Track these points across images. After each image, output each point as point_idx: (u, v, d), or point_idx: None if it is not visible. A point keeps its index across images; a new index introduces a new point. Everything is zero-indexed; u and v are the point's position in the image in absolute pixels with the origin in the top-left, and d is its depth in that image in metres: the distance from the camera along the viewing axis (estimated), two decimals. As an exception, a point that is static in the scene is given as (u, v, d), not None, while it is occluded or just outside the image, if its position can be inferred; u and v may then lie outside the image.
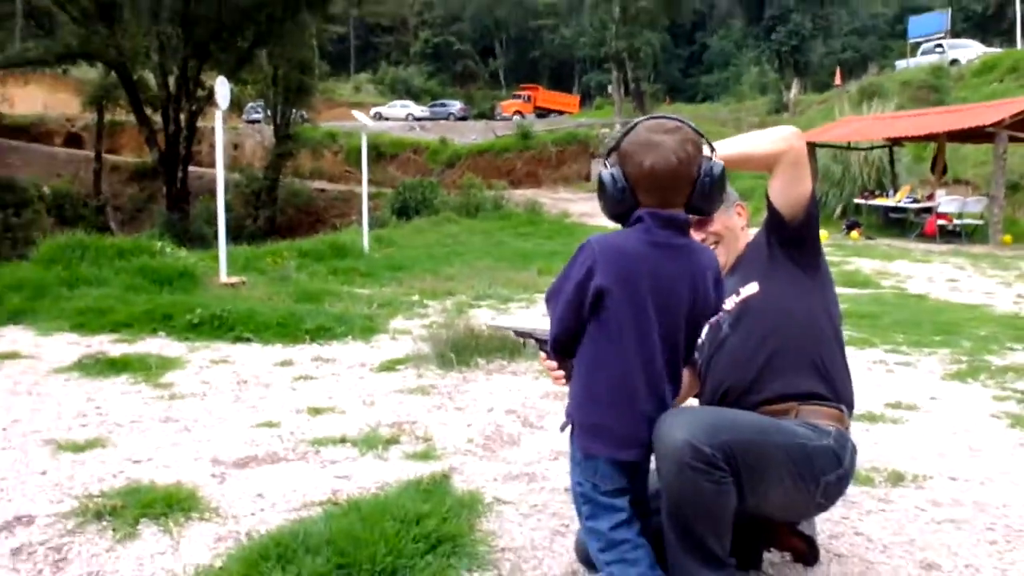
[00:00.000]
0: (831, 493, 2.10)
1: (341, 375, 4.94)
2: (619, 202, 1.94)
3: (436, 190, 21.72)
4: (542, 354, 2.16)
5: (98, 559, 2.45)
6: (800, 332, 2.20)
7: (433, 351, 5.21)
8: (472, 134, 37.75)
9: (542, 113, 46.06)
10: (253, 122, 39.11)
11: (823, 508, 2.17)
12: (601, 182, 1.96)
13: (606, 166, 1.97)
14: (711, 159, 1.96)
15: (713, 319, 2.29)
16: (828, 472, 2.05)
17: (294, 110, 30.42)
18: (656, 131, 1.93)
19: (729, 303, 2.28)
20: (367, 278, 9.80)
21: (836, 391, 2.20)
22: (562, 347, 2.03)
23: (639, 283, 1.90)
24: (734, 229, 2.45)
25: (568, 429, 2.04)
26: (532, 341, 2.25)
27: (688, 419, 1.95)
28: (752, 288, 2.27)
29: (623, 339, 1.91)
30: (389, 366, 5.13)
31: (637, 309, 1.90)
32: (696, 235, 2.34)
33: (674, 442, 1.88)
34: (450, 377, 4.84)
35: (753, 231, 2.45)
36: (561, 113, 47.14)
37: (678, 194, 1.93)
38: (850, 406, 2.24)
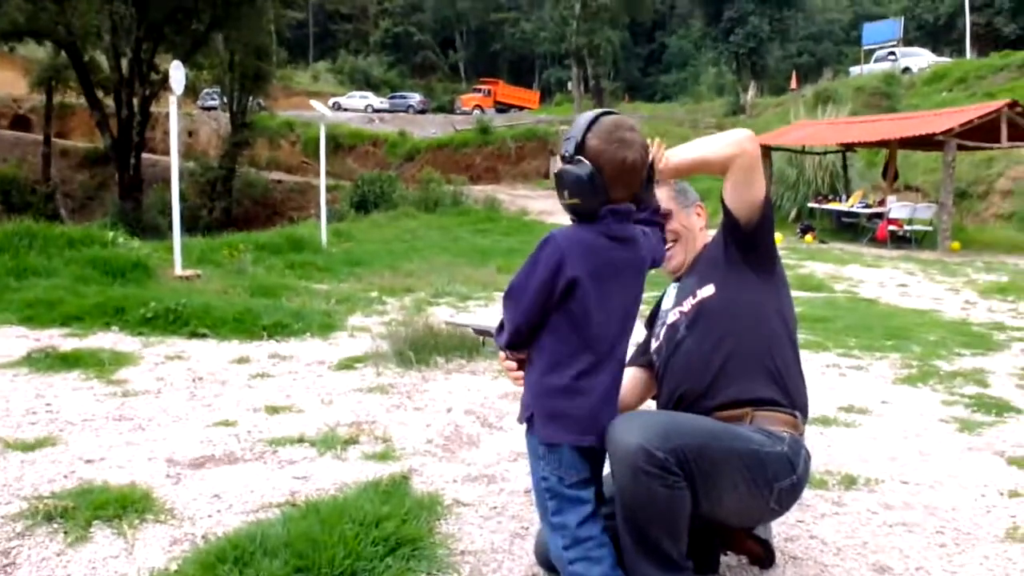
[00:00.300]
0: (785, 499, 2.13)
1: (299, 373, 4.89)
2: (594, 198, 1.94)
3: (395, 184, 21.58)
4: (502, 354, 2.15)
5: (48, 563, 2.39)
6: (755, 336, 2.23)
7: (392, 349, 5.18)
8: (431, 127, 37.56)
9: (502, 108, 45.98)
10: (208, 109, 38.39)
11: (777, 514, 2.21)
12: (579, 183, 1.94)
13: (573, 163, 1.95)
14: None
15: (671, 320, 2.32)
16: (782, 478, 2.08)
17: (251, 97, 29.92)
18: (623, 128, 1.98)
19: (687, 305, 2.31)
20: (325, 273, 9.72)
21: (790, 396, 2.23)
22: (522, 340, 2.04)
23: (603, 273, 1.96)
24: (692, 229, 2.47)
25: (526, 423, 2.04)
26: (492, 339, 2.25)
27: (642, 423, 1.96)
28: (708, 290, 2.29)
29: (590, 328, 1.95)
30: (347, 364, 5.09)
31: (603, 298, 1.96)
32: None
33: (628, 446, 1.90)
34: (409, 376, 4.82)
35: (712, 232, 2.48)
36: (521, 108, 47.11)
37: (638, 187, 2.02)
38: (804, 412, 2.27)
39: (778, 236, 11.66)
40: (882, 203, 16.06)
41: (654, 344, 2.46)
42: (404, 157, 33.67)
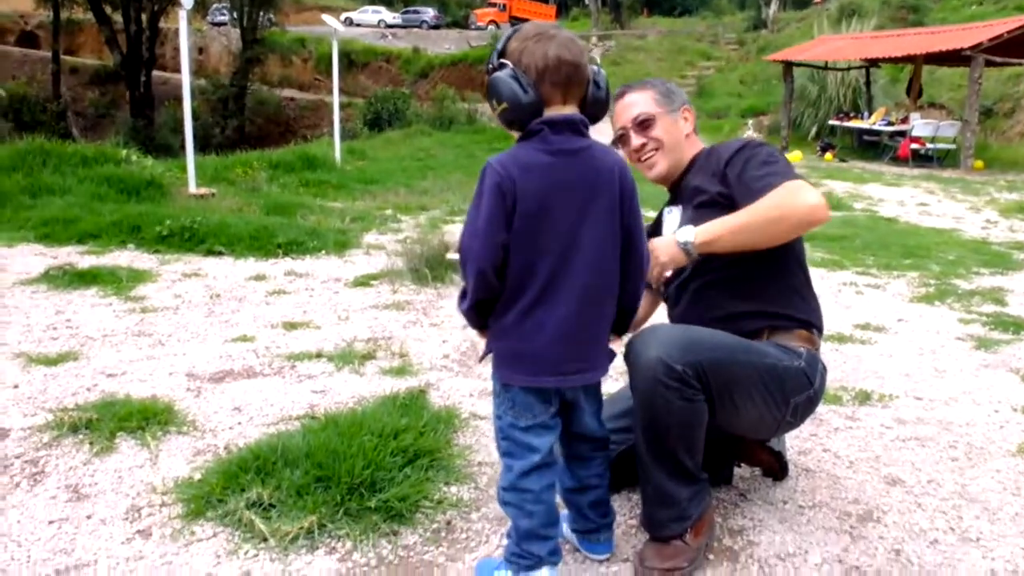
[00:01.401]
0: (800, 413, 2.14)
1: (315, 290, 4.92)
2: (524, 99, 1.73)
3: (409, 101, 21.30)
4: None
5: (75, 472, 2.45)
6: (762, 264, 2.19)
7: (407, 267, 5.20)
8: (446, 43, 36.85)
9: (518, 22, 44.85)
10: (219, 24, 37.70)
11: (792, 426, 2.22)
12: (502, 84, 1.75)
13: (497, 68, 1.79)
14: (596, 67, 1.85)
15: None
16: (798, 393, 2.09)
17: (261, 12, 29.37)
18: (544, 27, 1.81)
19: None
20: (339, 191, 9.68)
21: (804, 314, 2.23)
22: (492, 289, 1.80)
23: (549, 196, 1.75)
24: (677, 135, 2.33)
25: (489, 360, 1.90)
26: None
27: (662, 337, 1.96)
28: None
29: (542, 258, 1.75)
30: (363, 281, 5.11)
31: (551, 221, 1.75)
32: (637, 139, 2.30)
33: (647, 360, 1.90)
34: (424, 293, 4.85)
35: (702, 139, 2.38)
36: (537, 23, 45.99)
37: (579, 90, 1.79)
38: (820, 327, 2.27)
39: (797, 154, 11.57)
40: (905, 121, 15.70)
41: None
42: (418, 74, 33.15)
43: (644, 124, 2.30)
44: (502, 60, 1.79)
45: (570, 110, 1.79)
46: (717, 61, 30.25)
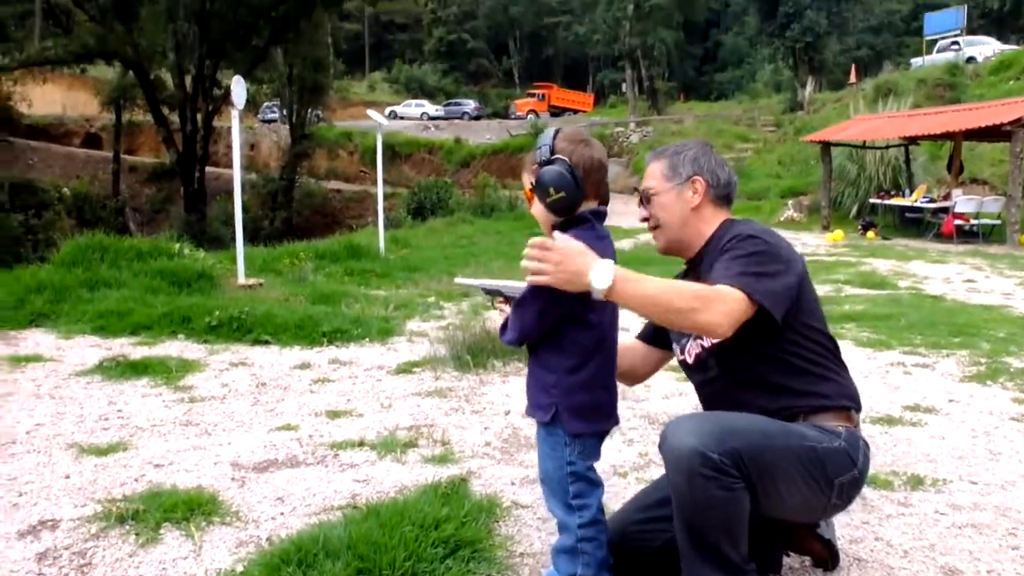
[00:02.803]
0: (846, 493, 2.09)
1: (358, 377, 4.96)
2: (577, 190, 2.00)
3: (451, 190, 21.71)
4: (506, 308, 2.16)
5: (121, 564, 2.47)
6: (788, 355, 2.15)
7: (450, 353, 5.21)
8: (487, 133, 37.80)
9: (556, 112, 46.00)
10: (269, 121, 39.29)
11: (839, 509, 2.17)
12: (561, 177, 1.98)
13: (551, 162, 2.01)
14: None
15: (695, 351, 2.26)
16: (842, 473, 2.05)
17: (309, 109, 30.56)
18: (582, 134, 2.11)
19: (707, 339, 2.20)
20: (383, 279, 9.81)
21: (840, 394, 2.18)
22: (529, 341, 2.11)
23: None
24: (676, 210, 2.26)
25: (551, 418, 2.08)
26: (499, 299, 2.22)
27: (695, 426, 1.95)
28: None
29: (602, 328, 2.08)
30: (406, 368, 5.14)
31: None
32: (643, 211, 2.34)
33: (682, 450, 1.89)
34: (467, 379, 4.85)
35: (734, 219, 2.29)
36: (576, 111, 47.06)
37: (605, 188, 2.13)
38: (857, 405, 2.21)
39: (839, 233, 11.47)
40: (947, 197, 15.56)
41: (679, 354, 2.36)
42: (460, 163, 33.92)
43: (647, 198, 2.30)
44: (558, 156, 2.01)
45: (595, 204, 2.11)
46: (755, 143, 30.51)
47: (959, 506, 2.94)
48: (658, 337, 2.51)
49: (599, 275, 1.87)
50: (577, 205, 2.03)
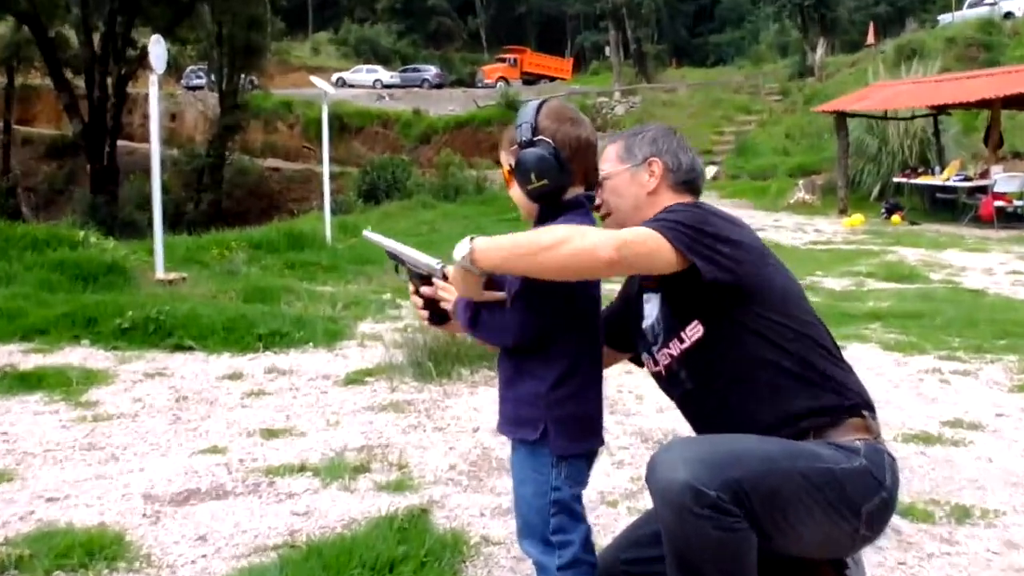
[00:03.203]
0: (876, 522, 2.02)
1: (300, 389, 4.93)
2: (562, 175, 2.02)
3: (409, 170, 21.76)
4: (426, 288, 2.19)
5: (1, 623, 2.36)
6: (772, 347, 2.08)
7: (408, 360, 5.21)
8: (450, 104, 37.79)
9: (530, 79, 46.08)
10: (194, 88, 38.94)
11: (869, 541, 2.10)
12: (545, 162, 2.00)
13: (533, 144, 2.03)
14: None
15: (664, 362, 2.21)
16: (868, 498, 1.97)
17: (243, 75, 30.38)
18: (569, 110, 2.13)
19: (674, 347, 2.16)
20: (330, 273, 9.81)
21: (848, 395, 2.10)
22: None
23: None
24: (630, 194, 2.25)
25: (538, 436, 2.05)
26: (403, 267, 2.25)
27: (686, 454, 1.89)
28: (696, 331, 2.12)
29: (592, 330, 2.11)
30: (356, 378, 5.12)
31: (595, 294, 2.13)
32: (598, 197, 2.29)
33: (670, 485, 1.83)
34: (428, 391, 4.84)
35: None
36: (552, 79, 47.13)
37: (594, 169, 2.16)
38: (870, 406, 2.13)
39: (858, 217, 11.49)
40: (985, 175, 15.71)
41: (651, 366, 2.30)
42: (419, 139, 33.91)
43: (599, 182, 2.25)
44: (541, 137, 2.03)
45: (581, 189, 2.12)
46: (758, 115, 30.81)
47: (1016, 544, 2.89)
48: (613, 335, 2.39)
49: (458, 249, 1.99)
50: (562, 192, 2.05)
